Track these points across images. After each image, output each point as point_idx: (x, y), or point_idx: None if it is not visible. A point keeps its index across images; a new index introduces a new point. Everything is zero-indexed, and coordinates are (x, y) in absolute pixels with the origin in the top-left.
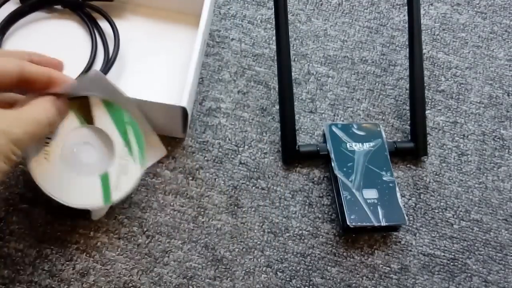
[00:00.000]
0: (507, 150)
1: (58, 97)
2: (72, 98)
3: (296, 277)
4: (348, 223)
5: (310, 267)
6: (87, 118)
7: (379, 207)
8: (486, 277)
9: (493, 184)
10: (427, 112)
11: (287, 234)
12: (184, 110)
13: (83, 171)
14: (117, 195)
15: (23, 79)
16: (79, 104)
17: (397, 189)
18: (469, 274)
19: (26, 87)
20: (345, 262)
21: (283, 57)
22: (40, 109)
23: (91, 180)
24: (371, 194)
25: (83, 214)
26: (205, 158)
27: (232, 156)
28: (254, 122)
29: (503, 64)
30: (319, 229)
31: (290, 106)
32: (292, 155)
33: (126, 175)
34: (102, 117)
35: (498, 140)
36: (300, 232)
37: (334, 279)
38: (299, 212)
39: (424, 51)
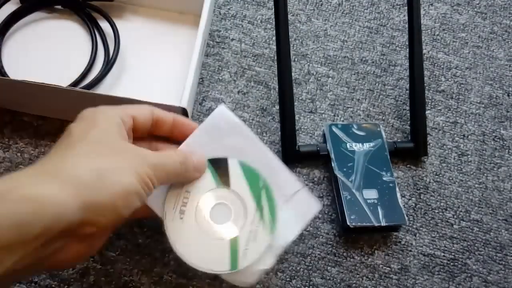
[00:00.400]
0: (507, 150)
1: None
2: (211, 160)
3: (296, 277)
4: (348, 223)
5: (310, 267)
6: (224, 180)
7: (379, 207)
8: (486, 277)
9: (493, 184)
10: (427, 112)
11: None
12: (184, 111)
13: (214, 234)
14: (244, 263)
15: (154, 121)
16: (217, 166)
17: (397, 189)
18: (469, 274)
19: (157, 130)
20: (345, 262)
21: (283, 57)
22: (174, 154)
23: (221, 244)
24: (371, 194)
25: None
26: None
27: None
28: (254, 122)
29: (503, 64)
30: (319, 229)
31: (290, 106)
32: (292, 155)
33: (255, 242)
34: (238, 180)
35: (498, 140)
36: (300, 232)
37: (334, 279)
38: None
39: (424, 51)
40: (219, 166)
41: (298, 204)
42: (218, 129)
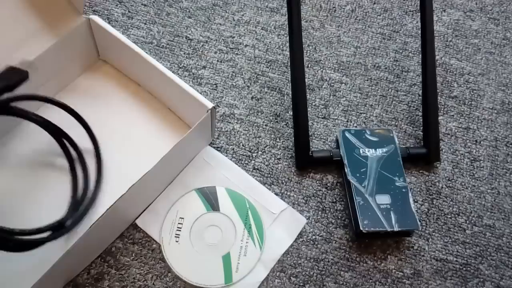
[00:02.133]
0: None
1: None
2: (201, 190)
3: (309, 282)
4: (361, 228)
5: (323, 272)
6: (213, 205)
7: (392, 212)
8: (498, 282)
9: (505, 189)
10: (439, 118)
11: (301, 239)
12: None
13: (207, 252)
14: (237, 276)
15: None
16: (207, 194)
17: (410, 194)
18: (481, 279)
19: None
20: (358, 267)
21: (297, 63)
22: None
23: (214, 261)
24: (384, 199)
25: None
26: None
27: (246, 162)
28: (267, 128)
29: None
30: (332, 234)
31: (304, 112)
32: (305, 160)
33: (246, 257)
34: (226, 204)
35: (511, 146)
36: (314, 237)
37: (347, 284)
38: (312, 217)
39: (436, 57)
40: (208, 194)
41: (285, 221)
42: (207, 165)
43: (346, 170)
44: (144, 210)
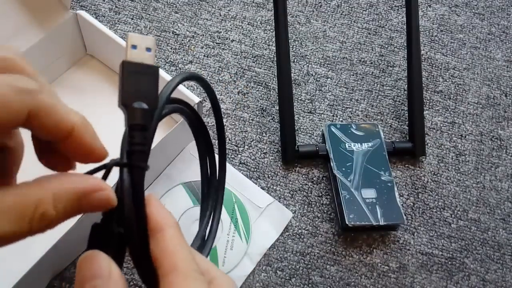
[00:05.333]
0: (504, 150)
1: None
2: (187, 184)
3: (295, 275)
4: (347, 222)
5: (309, 266)
6: (200, 198)
7: (377, 207)
8: (484, 276)
9: (490, 184)
10: (425, 112)
11: (287, 233)
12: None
13: (195, 246)
14: (224, 270)
15: (34, 111)
16: (193, 188)
17: (395, 188)
18: (467, 273)
19: (35, 127)
20: (344, 261)
21: (283, 58)
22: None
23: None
24: (369, 193)
25: None
26: None
27: (233, 156)
28: (254, 122)
29: (500, 65)
30: (318, 228)
31: (290, 107)
32: (291, 155)
33: (232, 250)
34: None
35: (496, 140)
36: (300, 231)
37: (333, 277)
38: (298, 211)
39: (422, 52)
40: (195, 188)
41: (271, 215)
42: (194, 159)
43: (332, 164)
44: None
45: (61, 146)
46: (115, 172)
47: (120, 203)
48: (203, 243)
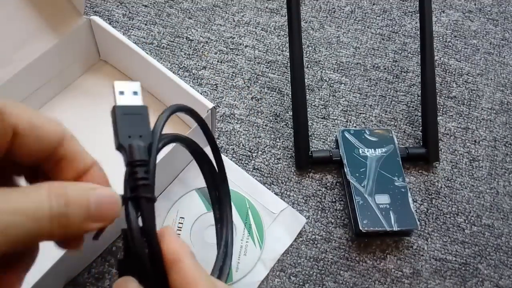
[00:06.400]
0: None
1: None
2: (201, 189)
3: (309, 281)
4: (360, 228)
5: (323, 272)
6: None
7: (391, 212)
8: (497, 282)
9: (504, 189)
10: (438, 118)
11: (300, 239)
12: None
13: (208, 252)
14: (238, 275)
15: (59, 155)
16: (205, 193)
17: (409, 194)
18: (480, 279)
19: (17, 146)
20: (358, 266)
21: (296, 63)
22: (40, 194)
23: (214, 260)
24: (383, 199)
25: None
26: None
27: (246, 162)
28: (267, 128)
29: None
30: (332, 233)
31: (303, 112)
32: (305, 160)
33: (246, 256)
34: None
35: (509, 146)
36: (313, 236)
37: (347, 283)
38: (312, 217)
39: (435, 57)
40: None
41: (285, 221)
42: None
43: (345, 170)
44: None
45: (45, 167)
46: None
47: (130, 238)
48: (220, 274)
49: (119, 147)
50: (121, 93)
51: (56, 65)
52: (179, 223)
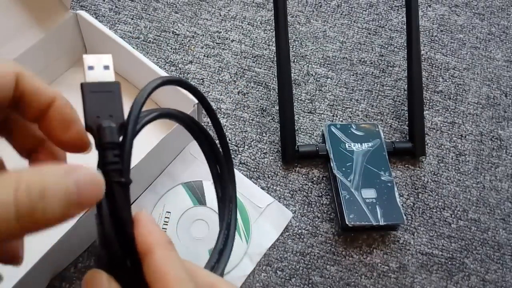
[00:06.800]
0: (504, 150)
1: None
2: (188, 184)
3: (295, 275)
4: (347, 222)
5: (309, 266)
6: (200, 199)
7: (377, 207)
8: (484, 276)
9: (490, 184)
10: (425, 112)
11: (287, 233)
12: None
13: (194, 246)
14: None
15: (19, 91)
16: (193, 188)
17: (395, 188)
18: (467, 273)
19: (21, 110)
20: (344, 261)
21: (283, 58)
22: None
23: (201, 254)
24: (369, 193)
25: None
26: None
27: (233, 156)
28: (254, 122)
29: (500, 65)
30: (318, 228)
31: (290, 107)
32: (291, 155)
33: (232, 250)
34: (212, 198)
35: (496, 140)
36: (300, 231)
37: (333, 277)
38: (298, 211)
39: (422, 52)
40: (195, 188)
41: (271, 215)
42: (194, 159)
43: (332, 164)
44: (132, 203)
45: (43, 125)
46: None
47: (101, 227)
48: (220, 257)
49: (87, 128)
50: (91, 68)
51: (43, 59)
52: (166, 217)
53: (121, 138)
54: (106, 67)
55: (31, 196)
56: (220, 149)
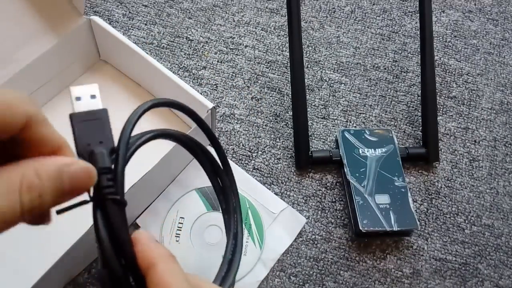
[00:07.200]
0: None
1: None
2: (201, 189)
3: (309, 281)
4: (360, 228)
5: (323, 272)
6: (214, 205)
7: (391, 212)
8: (497, 281)
9: (504, 189)
10: (438, 118)
11: (300, 239)
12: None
13: (208, 252)
14: (237, 275)
15: (23, 136)
16: (207, 194)
17: (409, 194)
18: (480, 279)
19: (24, 146)
20: (358, 266)
21: (296, 63)
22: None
23: (215, 260)
24: (383, 199)
25: None
26: None
27: (246, 162)
28: (267, 128)
29: None
30: (332, 233)
31: (303, 112)
32: (305, 160)
33: (246, 256)
34: None
35: (509, 146)
36: (313, 236)
37: (347, 283)
38: (312, 217)
39: (435, 57)
40: (209, 194)
41: (285, 220)
42: None
43: (345, 170)
44: (145, 210)
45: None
46: None
47: (100, 250)
48: (229, 267)
49: (79, 156)
50: (78, 98)
51: (56, 65)
52: (179, 223)
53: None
54: (93, 96)
55: (31, 195)
56: (219, 162)
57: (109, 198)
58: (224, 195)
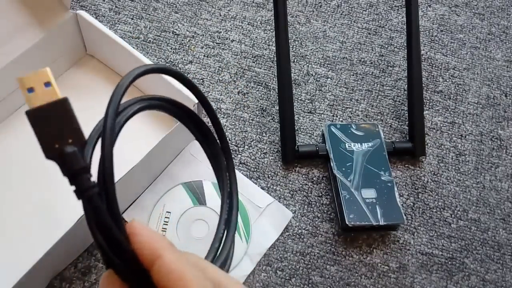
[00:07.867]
0: (504, 150)
1: None
2: (188, 184)
3: (295, 275)
4: (347, 222)
5: (309, 266)
6: (200, 199)
7: (377, 207)
8: (484, 276)
9: (490, 184)
10: (425, 112)
11: (287, 233)
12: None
13: (194, 246)
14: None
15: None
16: (193, 188)
17: (395, 188)
18: (467, 273)
19: None
20: (344, 261)
21: (283, 58)
22: None
23: (201, 254)
24: (369, 193)
25: None
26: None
27: (232, 156)
28: (254, 122)
29: (500, 65)
30: (318, 228)
31: (290, 107)
32: (291, 155)
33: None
34: (212, 198)
35: (496, 140)
36: (300, 231)
37: (333, 277)
38: (298, 211)
39: (422, 52)
40: (195, 188)
41: (271, 215)
42: (194, 159)
43: (332, 164)
44: (131, 204)
45: None
46: None
47: (100, 252)
48: (226, 258)
49: (48, 158)
50: (30, 90)
51: (43, 59)
52: (166, 217)
53: (89, 157)
54: (47, 84)
55: None
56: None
57: (93, 196)
58: (215, 159)
